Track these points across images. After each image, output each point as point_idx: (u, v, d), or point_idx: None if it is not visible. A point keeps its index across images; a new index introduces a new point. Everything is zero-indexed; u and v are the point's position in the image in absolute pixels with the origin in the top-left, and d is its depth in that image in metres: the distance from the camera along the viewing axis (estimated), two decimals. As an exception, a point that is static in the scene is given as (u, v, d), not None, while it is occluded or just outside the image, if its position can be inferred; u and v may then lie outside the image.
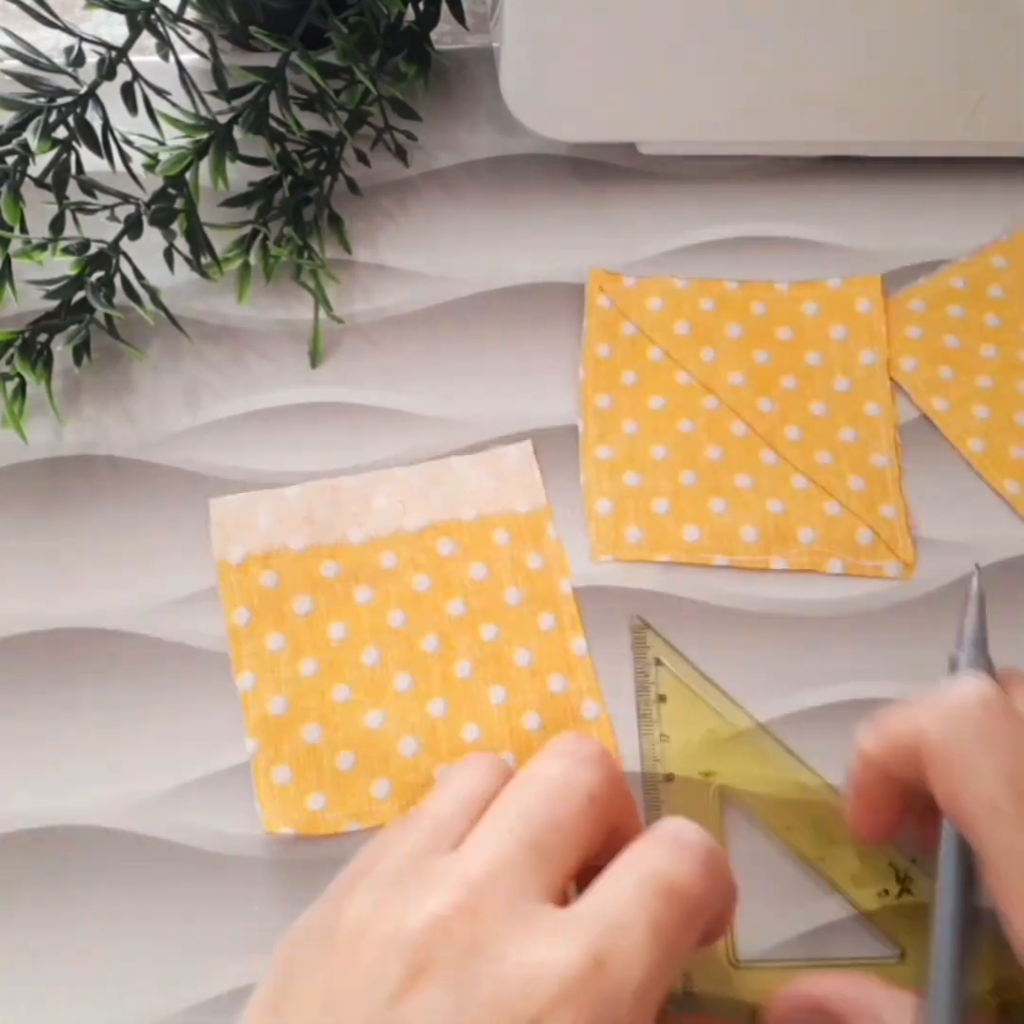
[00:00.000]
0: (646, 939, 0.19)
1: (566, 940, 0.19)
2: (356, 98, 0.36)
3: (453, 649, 0.30)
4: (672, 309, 0.36)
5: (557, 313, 0.36)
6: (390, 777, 0.29)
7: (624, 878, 0.21)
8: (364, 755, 0.29)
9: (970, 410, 0.34)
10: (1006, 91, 0.34)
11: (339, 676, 0.30)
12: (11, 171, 0.32)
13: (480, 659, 0.30)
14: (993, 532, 0.33)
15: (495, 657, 0.30)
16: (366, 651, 0.30)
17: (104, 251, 0.33)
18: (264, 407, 0.34)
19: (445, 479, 0.33)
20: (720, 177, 0.39)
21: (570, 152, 0.39)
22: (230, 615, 0.31)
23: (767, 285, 0.37)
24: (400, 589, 0.31)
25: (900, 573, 0.32)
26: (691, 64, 0.33)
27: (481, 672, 0.30)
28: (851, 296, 0.36)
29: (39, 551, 0.32)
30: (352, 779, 0.29)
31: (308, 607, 0.31)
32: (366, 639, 0.30)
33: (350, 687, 0.30)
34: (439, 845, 0.22)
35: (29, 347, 0.33)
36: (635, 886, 0.20)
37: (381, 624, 0.31)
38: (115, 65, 0.32)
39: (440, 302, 0.36)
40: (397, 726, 0.29)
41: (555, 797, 0.22)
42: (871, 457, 0.34)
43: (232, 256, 0.35)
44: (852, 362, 0.35)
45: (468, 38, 0.41)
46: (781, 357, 0.35)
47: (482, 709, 0.30)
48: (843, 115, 0.36)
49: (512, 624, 0.31)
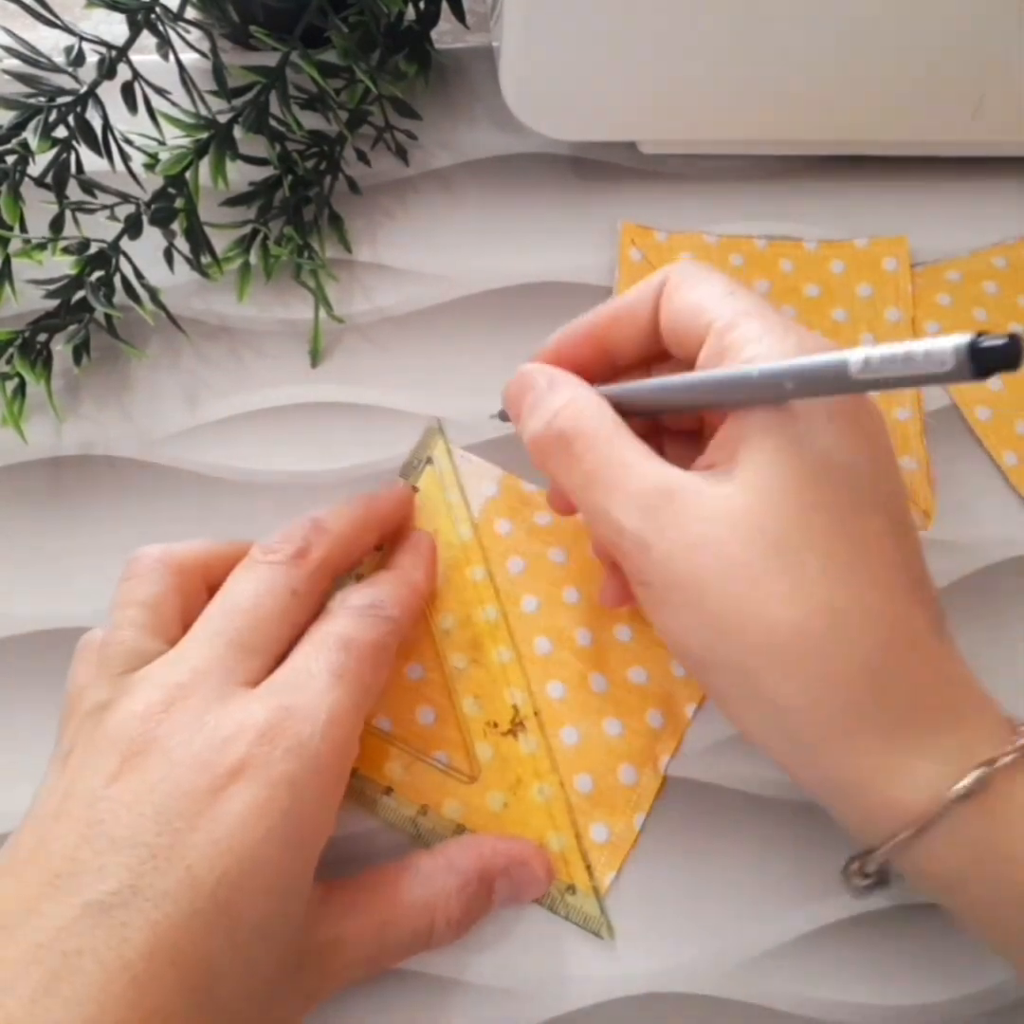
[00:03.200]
0: (327, 682, 0.24)
1: (259, 702, 0.23)
2: (356, 97, 0.36)
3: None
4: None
5: (557, 312, 0.36)
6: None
7: (306, 646, 0.25)
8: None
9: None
10: (1008, 89, 0.34)
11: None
12: (11, 171, 0.32)
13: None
14: (990, 504, 0.33)
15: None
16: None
17: (104, 251, 0.33)
18: (264, 406, 0.34)
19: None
20: (720, 177, 0.39)
21: (570, 151, 0.39)
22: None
23: (796, 243, 0.37)
24: None
25: (920, 522, 0.33)
26: (692, 64, 0.33)
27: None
28: (878, 255, 0.37)
29: (39, 551, 0.32)
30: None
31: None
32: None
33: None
34: (131, 664, 0.25)
35: (29, 347, 0.33)
36: (315, 648, 0.25)
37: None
38: (115, 64, 0.32)
39: (440, 302, 0.36)
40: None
41: (257, 603, 0.25)
42: (894, 411, 0.34)
43: (232, 255, 0.35)
44: (878, 319, 0.36)
45: (468, 37, 0.41)
46: (808, 312, 0.36)
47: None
48: (843, 115, 0.36)
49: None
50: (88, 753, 0.23)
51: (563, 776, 0.29)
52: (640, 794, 0.29)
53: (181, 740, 0.23)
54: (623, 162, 0.39)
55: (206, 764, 0.22)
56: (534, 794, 0.29)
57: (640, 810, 0.29)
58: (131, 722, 0.23)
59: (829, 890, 0.28)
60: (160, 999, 0.20)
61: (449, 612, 0.31)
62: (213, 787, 0.22)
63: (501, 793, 0.29)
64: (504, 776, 0.29)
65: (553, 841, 0.28)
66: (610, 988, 0.27)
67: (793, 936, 0.28)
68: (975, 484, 0.34)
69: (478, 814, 0.29)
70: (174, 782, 0.22)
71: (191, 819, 0.21)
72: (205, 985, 0.21)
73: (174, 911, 0.20)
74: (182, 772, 0.22)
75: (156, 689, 0.23)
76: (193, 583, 0.27)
